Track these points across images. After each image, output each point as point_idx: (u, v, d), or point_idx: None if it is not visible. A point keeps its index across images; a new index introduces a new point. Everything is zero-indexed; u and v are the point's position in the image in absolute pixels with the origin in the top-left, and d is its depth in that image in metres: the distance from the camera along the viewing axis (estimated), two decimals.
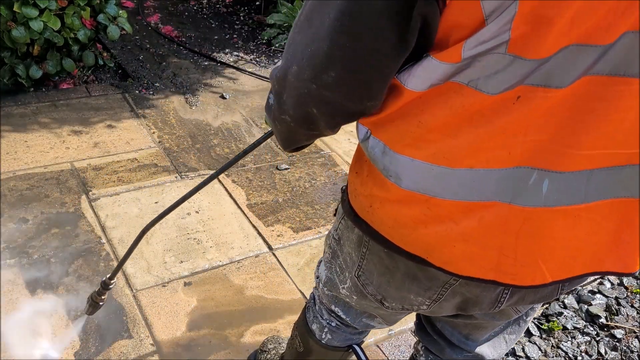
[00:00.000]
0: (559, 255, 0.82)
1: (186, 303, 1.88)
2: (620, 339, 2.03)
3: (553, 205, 0.76)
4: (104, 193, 2.26)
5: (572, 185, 0.75)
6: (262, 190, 2.45)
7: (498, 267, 0.82)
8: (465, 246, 0.81)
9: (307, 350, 1.40)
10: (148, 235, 2.10)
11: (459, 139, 0.74)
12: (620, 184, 0.77)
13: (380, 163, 0.83)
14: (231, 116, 2.93)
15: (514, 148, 0.72)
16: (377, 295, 1.03)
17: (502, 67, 0.67)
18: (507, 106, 0.70)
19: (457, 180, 0.76)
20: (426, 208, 0.80)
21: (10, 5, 2.39)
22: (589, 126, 0.70)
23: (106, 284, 1.51)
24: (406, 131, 0.78)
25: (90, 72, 3.02)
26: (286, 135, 0.92)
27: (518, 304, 0.96)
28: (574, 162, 0.73)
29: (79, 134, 2.58)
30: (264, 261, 2.10)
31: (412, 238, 0.85)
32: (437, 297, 0.95)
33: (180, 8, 4.05)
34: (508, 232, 0.79)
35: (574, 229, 0.80)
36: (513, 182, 0.75)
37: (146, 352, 1.70)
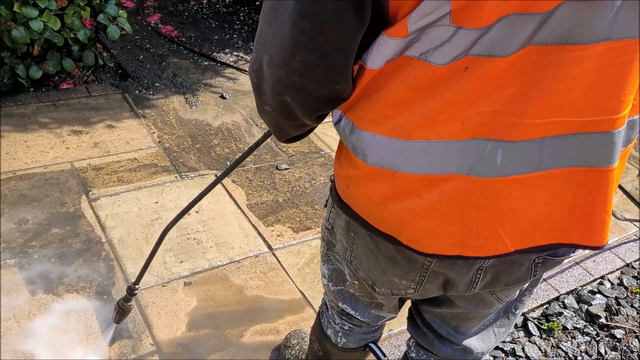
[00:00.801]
0: (519, 225, 0.84)
1: (186, 303, 1.88)
2: (620, 339, 2.03)
3: (508, 174, 0.78)
4: (104, 193, 2.26)
5: (525, 154, 0.77)
6: (262, 190, 2.45)
7: (461, 242, 0.85)
8: (429, 222, 0.84)
9: (326, 354, 1.43)
10: (148, 235, 2.10)
11: (414, 112, 0.76)
12: (575, 153, 0.78)
13: (349, 142, 0.86)
14: (231, 116, 2.93)
15: (467, 120, 0.75)
16: (367, 280, 1.06)
17: (447, 37, 0.70)
18: (455, 77, 0.72)
19: (415, 153, 0.79)
20: (392, 183, 0.83)
21: (10, 5, 2.40)
22: (535, 95, 0.72)
23: (132, 290, 1.53)
24: (368, 108, 0.81)
25: (90, 72, 3.02)
26: (273, 126, 0.95)
27: (494, 286, 0.98)
28: (524, 131, 0.75)
29: (79, 134, 2.58)
30: (264, 261, 2.10)
31: (384, 216, 0.88)
32: (419, 279, 0.98)
33: (180, 8, 4.05)
34: (468, 204, 0.81)
35: (531, 199, 0.81)
36: (469, 153, 0.77)
37: (146, 352, 1.70)
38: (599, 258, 2.38)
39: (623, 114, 0.76)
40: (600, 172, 0.80)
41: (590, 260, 2.36)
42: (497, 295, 1.06)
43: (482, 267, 0.94)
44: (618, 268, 2.35)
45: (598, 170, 0.80)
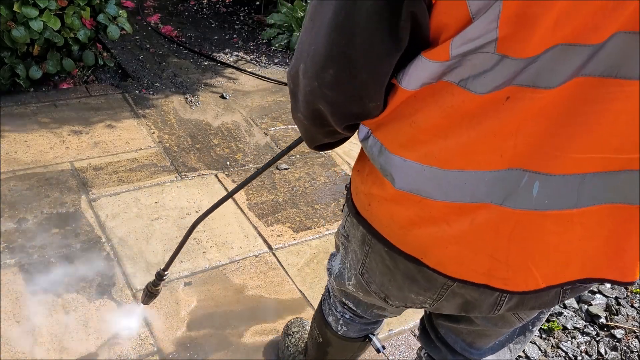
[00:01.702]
0: (551, 260, 0.81)
1: (186, 303, 1.88)
2: (620, 339, 2.03)
3: (544, 209, 0.76)
4: (104, 193, 2.26)
5: (564, 189, 0.74)
6: (262, 190, 2.45)
7: (490, 272, 0.82)
8: (457, 248, 0.81)
9: (325, 342, 1.43)
10: (148, 235, 2.10)
11: (450, 140, 0.74)
12: (616, 190, 0.76)
13: (378, 162, 0.84)
14: (231, 116, 2.93)
15: (506, 151, 0.72)
16: (380, 293, 1.04)
17: (490, 66, 0.67)
18: (496, 107, 0.70)
19: (448, 181, 0.76)
20: (419, 209, 0.81)
21: (10, 5, 2.39)
22: (580, 129, 0.70)
23: (160, 275, 1.60)
24: (400, 131, 0.79)
25: (90, 72, 3.02)
26: (304, 133, 0.95)
27: (519, 309, 0.96)
28: (565, 165, 0.72)
29: (79, 134, 2.58)
30: (264, 261, 2.10)
31: (408, 238, 0.86)
32: (437, 297, 0.95)
33: (180, 8, 4.05)
34: (499, 235, 0.79)
35: (566, 234, 0.78)
36: (504, 183, 0.74)
37: (146, 352, 1.70)
38: None
39: None
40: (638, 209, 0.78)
41: None
42: (520, 315, 1.04)
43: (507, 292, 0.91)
44: None
45: (636, 207, 0.78)
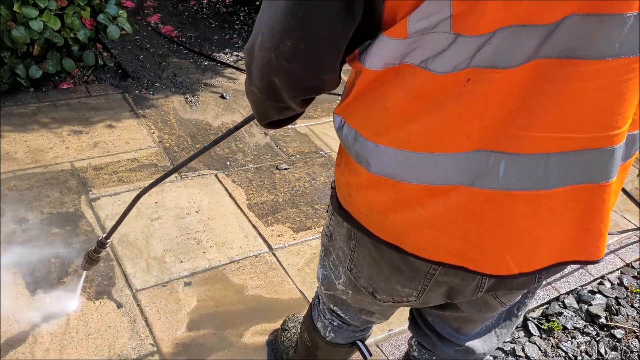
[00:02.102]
0: (524, 245, 0.83)
1: (186, 303, 1.88)
2: (620, 339, 2.03)
3: (512, 189, 0.78)
4: (104, 193, 2.26)
5: (530, 168, 0.76)
6: (262, 190, 2.45)
7: (463, 254, 0.84)
8: (432, 232, 0.84)
9: (314, 345, 1.45)
10: (148, 235, 2.10)
11: (417, 124, 0.76)
12: (579, 170, 0.78)
13: (353, 150, 0.86)
14: (231, 116, 2.93)
15: (472, 133, 0.75)
16: (368, 287, 1.06)
17: (447, 45, 0.69)
18: (458, 89, 0.72)
19: (419, 164, 0.79)
20: (394, 193, 0.83)
21: (10, 5, 2.39)
22: (541, 109, 0.72)
23: (102, 243, 1.59)
24: (372, 117, 0.81)
25: (90, 72, 3.02)
26: (256, 107, 0.96)
27: (498, 290, 0.98)
28: (528, 144, 0.75)
29: (79, 134, 2.58)
30: (264, 261, 2.10)
31: (386, 225, 0.88)
32: (422, 287, 0.98)
33: (180, 8, 4.05)
34: (471, 217, 0.81)
35: (536, 218, 0.81)
36: (472, 165, 0.77)
37: (146, 352, 1.70)
38: None
39: (623, 129, 0.77)
40: (600, 188, 0.80)
41: None
42: (501, 300, 1.06)
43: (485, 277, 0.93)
44: (618, 268, 2.35)
45: (598, 186, 0.80)
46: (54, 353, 1.65)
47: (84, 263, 1.67)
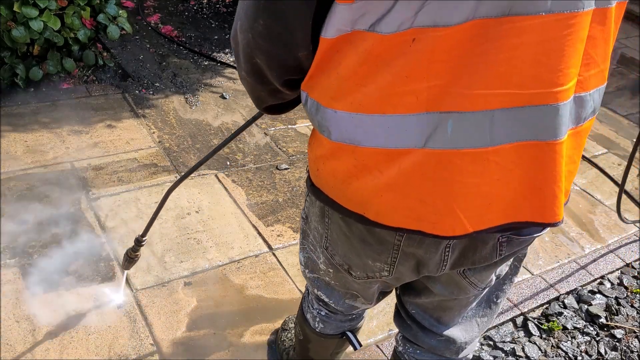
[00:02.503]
0: (474, 202, 0.85)
1: (186, 303, 1.88)
2: (620, 339, 2.03)
3: (460, 147, 0.80)
4: (104, 193, 2.26)
5: (475, 126, 0.79)
6: (262, 190, 2.45)
7: (420, 217, 0.87)
8: (391, 195, 0.87)
9: (306, 339, 1.47)
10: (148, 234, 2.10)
11: (370, 86, 0.80)
12: (523, 126, 0.80)
13: (316, 120, 0.90)
14: (231, 116, 2.93)
15: (420, 93, 0.78)
16: (344, 264, 1.09)
17: (390, 6, 0.74)
18: (404, 49, 0.76)
19: (374, 127, 0.83)
20: (354, 159, 0.87)
21: (10, 5, 2.39)
22: (483, 66, 0.75)
23: (139, 241, 1.68)
24: (329, 85, 0.85)
25: (90, 72, 3.02)
26: (251, 93, 1.01)
27: (462, 264, 1.00)
28: (472, 102, 0.78)
29: (79, 134, 2.58)
30: (264, 261, 2.10)
31: (349, 193, 0.92)
32: (391, 260, 1.01)
33: (180, 8, 4.05)
34: (425, 177, 0.83)
35: (485, 175, 0.83)
36: (424, 126, 0.80)
37: (146, 352, 1.70)
38: (599, 258, 2.38)
39: (566, 87, 0.79)
40: (548, 146, 0.82)
41: (590, 260, 2.36)
42: (470, 280, 1.07)
43: (449, 245, 0.96)
44: (618, 268, 2.35)
45: (546, 143, 0.82)
46: (54, 353, 1.65)
47: (125, 262, 1.73)
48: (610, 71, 4.48)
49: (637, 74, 4.17)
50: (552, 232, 2.48)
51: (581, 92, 0.84)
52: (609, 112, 3.57)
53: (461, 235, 0.88)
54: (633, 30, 5.02)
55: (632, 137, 3.34)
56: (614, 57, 4.46)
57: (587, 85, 0.84)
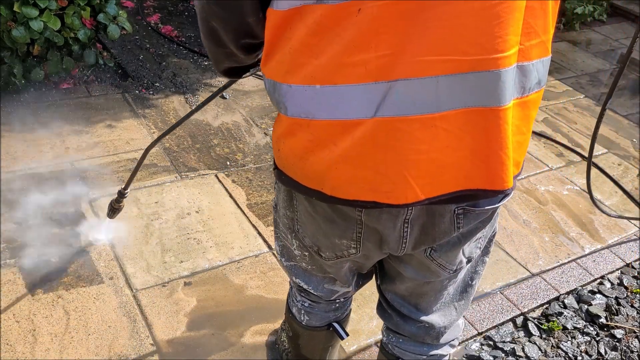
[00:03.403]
0: (425, 169, 0.88)
1: (186, 303, 1.88)
2: (620, 339, 2.03)
3: (409, 114, 0.83)
4: (104, 193, 2.26)
5: (422, 92, 0.82)
6: (262, 190, 2.45)
7: (374, 187, 0.89)
8: (345, 167, 0.89)
9: (295, 334, 1.49)
10: (147, 235, 2.10)
11: (321, 58, 0.83)
12: (468, 92, 0.83)
13: (274, 98, 0.93)
14: (231, 116, 2.93)
15: (369, 63, 0.81)
16: (313, 247, 1.12)
17: None
18: (351, 20, 0.79)
19: (326, 98, 0.85)
20: (309, 133, 0.89)
21: (10, 5, 2.39)
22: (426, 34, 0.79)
23: (122, 193, 1.84)
24: (283, 61, 0.88)
25: (90, 72, 3.02)
26: (210, 55, 1.05)
27: (424, 241, 1.02)
28: (418, 69, 0.80)
29: (79, 134, 2.58)
30: (264, 261, 2.10)
31: (307, 170, 0.94)
32: (356, 236, 1.03)
33: (180, 8, 4.05)
34: (377, 147, 0.86)
35: (433, 141, 0.85)
36: (374, 96, 0.82)
37: (146, 352, 1.70)
38: (599, 258, 2.38)
39: (507, 53, 0.82)
40: (493, 112, 0.85)
41: (590, 260, 2.36)
42: (438, 262, 1.09)
43: (407, 220, 0.98)
44: (618, 268, 2.35)
45: (490, 110, 0.85)
46: (54, 353, 1.65)
47: (109, 212, 1.91)
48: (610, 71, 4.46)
49: (637, 74, 4.17)
50: (552, 232, 2.48)
51: (524, 61, 0.87)
52: (609, 112, 3.57)
53: (414, 203, 0.90)
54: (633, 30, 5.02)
55: (632, 137, 3.34)
56: (613, 56, 4.47)
57: (529, 54, 0.87)
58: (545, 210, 2.61)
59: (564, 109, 3.53)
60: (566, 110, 3.52)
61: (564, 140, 3.17)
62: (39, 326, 1.72)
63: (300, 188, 0.97)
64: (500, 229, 2.44)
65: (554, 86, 3.79)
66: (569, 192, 2.75)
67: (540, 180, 2.81)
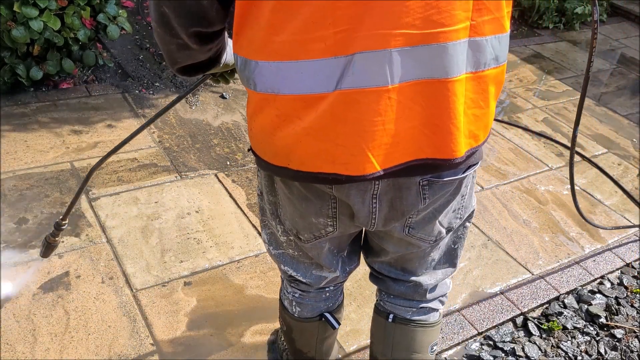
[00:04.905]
0: (381, 140, 0.92)
1: (186, 303, 1.88)
2: (620, 338, 2.03)
3: (364, 86, 0.87)
4: (104, 193, 2.26)
5: (376, 65, 0.86)
6: None
7: (335, 159, 0.94)
8: (309, 140, 0.93)
9: (288, 328, 1.50)
10: (147, 234, 2.10)
11: (283, 34, 0.87)
12: (419, 65, 0.88)
13: (244, 77, 0.96)
14: (231, 116, 2.93)
15: (327, 39, 0.85)
16: (292, 229, 1.16)
17: None
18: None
19: (289, 73, 0.89)
20: (276, 108, 0.93)
21: (10, 5, 2.39)
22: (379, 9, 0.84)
23: (59, 225, 1.59)
24: (251, 40, 0.92)
25: (90, 72, 3.02)
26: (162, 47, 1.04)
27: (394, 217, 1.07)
28: (373, 42, 0.85)
29: (79, 134, 2.58)
30: (264, 261, 2.10)
31: (275, 147, 0.98)
32: (332, 213, 1.08)
33: None
34: (337, 119, 0.90)
35: (387, 112, 0.90)
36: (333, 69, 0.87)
37: (146, 352, 1.70)
38: (599, 258, 2.38)
39: (454, 27, 0.87)
40: (442, 84, 0.90)
41: (590, 260, 2.36)
42: (417, 236, 1.15)
43: (375, 195, 1.02)
44: (618, 268, 2.36)
45: (439, 81, 0.90)
46: (54, 353, 1.65)
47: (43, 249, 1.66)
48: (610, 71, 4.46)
49: (637, 73, 4.17)
50: (552, 232, 2.48)
51: (476, 36, 0.91)
52: (609, 112, 3.57)
53: (371, 174, 0.94)
54: (633, 30, 5.02)
55: (632, 137, 3.34)
56: (614, 56, 4.47)
57: (481, 30, 0.92)
58: (545, 210, 2.61)
59: (564, 109, 3.53)
60: (566, 110, 3.52)
61: (564, 140, 3.17)
62: (39, 326, 1.72)
63: (270, 167, 1.01)
64: (500, 229, 2.44)
65: (554, 86, 3.79)
66: (569, 192, 2.75)
67: (540, 180, 2.81)
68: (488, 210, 2.54)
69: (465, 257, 2.26)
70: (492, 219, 2.49)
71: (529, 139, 3.14)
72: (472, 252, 2.30)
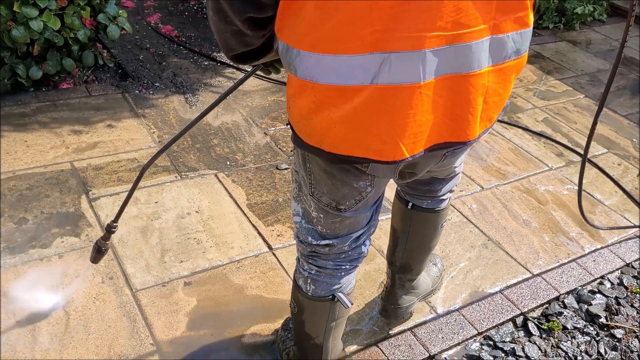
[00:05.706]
0: (410, 131, 1.02)
1: (186, 303, 1.88)
2: (620, 338, 2.03)
3: (399, 82, 0.96)
4: (104, 193, 2.26)
5: (411, 64, 0.95)
6: (262, 190, 2.45)
7: (367, 146, 1.03)
8: (343, 128, 1.02)
9: (300, 309, 1.52)
10: (147, 234, 2.10)
11: (323, 30, 0.94)
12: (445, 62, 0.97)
13: (286, 60, 1.04)
14: (231, 116, 2.93)
15: (365, 38, 0.92)
16: (332, 202, 1.24)
17: None
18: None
19: (328, 65, 0.96)
20: (313, 95, 1.01)
21: (10, 5, 2.39)
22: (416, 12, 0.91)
23: (110, 227, 1.64)
24: (295, 29, 0.98)
25: (90, 72, 3.02)
26: (218, 36, 1.11)
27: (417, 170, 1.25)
28: (409, 43, 0.93)
29: (79, 134, 2.58)
30: (264, 261, 2.10)
31: (310, 128, 1.07)
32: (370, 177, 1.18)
33: (180, 8, 4.05)
34: (371, 111, 0.98)
35: (417, 106, 0.99)
36: (370, 66, 0.94)
37: (146, 352, 1.70)
38: (599, 258, 2.38)
39: (477, 28, 0.96)
40: (465, 78, 1.00)
41: (590, 260, 2.36)
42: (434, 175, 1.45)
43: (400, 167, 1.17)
44: (618, 268, 2.35)
45: (462, 75, 1.00)
46: (54, 353, 1.65)
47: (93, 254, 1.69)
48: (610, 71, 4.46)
49: (637, 74, 4.17)
50: (552, 232, 2.48)
51: (498, 34, 1.00)
52: (609, 112, 3.57)
53: (400, 160, 1.05)
54: (633, 30, 5.02)
55: (632, 137, 3.34)
56: (614, 56, 4.46)
57: (503, 28, 1.01)
58: (545, 210, 2.61)
59: (564, 108, 3.53)
60: (566, 110, 3.52)
61: (564, 140, 3.17)
62: (39, 326, 1.72)
63: (304, 145, 1.11)
64: (500, 229, 2.44)
65: (554, 86, 3.79)
66: (569, 192, 2.75)
67: (540, 180, 2.81)
68: (488, 210, 2.54)
69: (465, 257, 2.26)
70: (492, 219, 2.49)
71: (529, 139, 3.14)
72: (472, 252, 2.30)
